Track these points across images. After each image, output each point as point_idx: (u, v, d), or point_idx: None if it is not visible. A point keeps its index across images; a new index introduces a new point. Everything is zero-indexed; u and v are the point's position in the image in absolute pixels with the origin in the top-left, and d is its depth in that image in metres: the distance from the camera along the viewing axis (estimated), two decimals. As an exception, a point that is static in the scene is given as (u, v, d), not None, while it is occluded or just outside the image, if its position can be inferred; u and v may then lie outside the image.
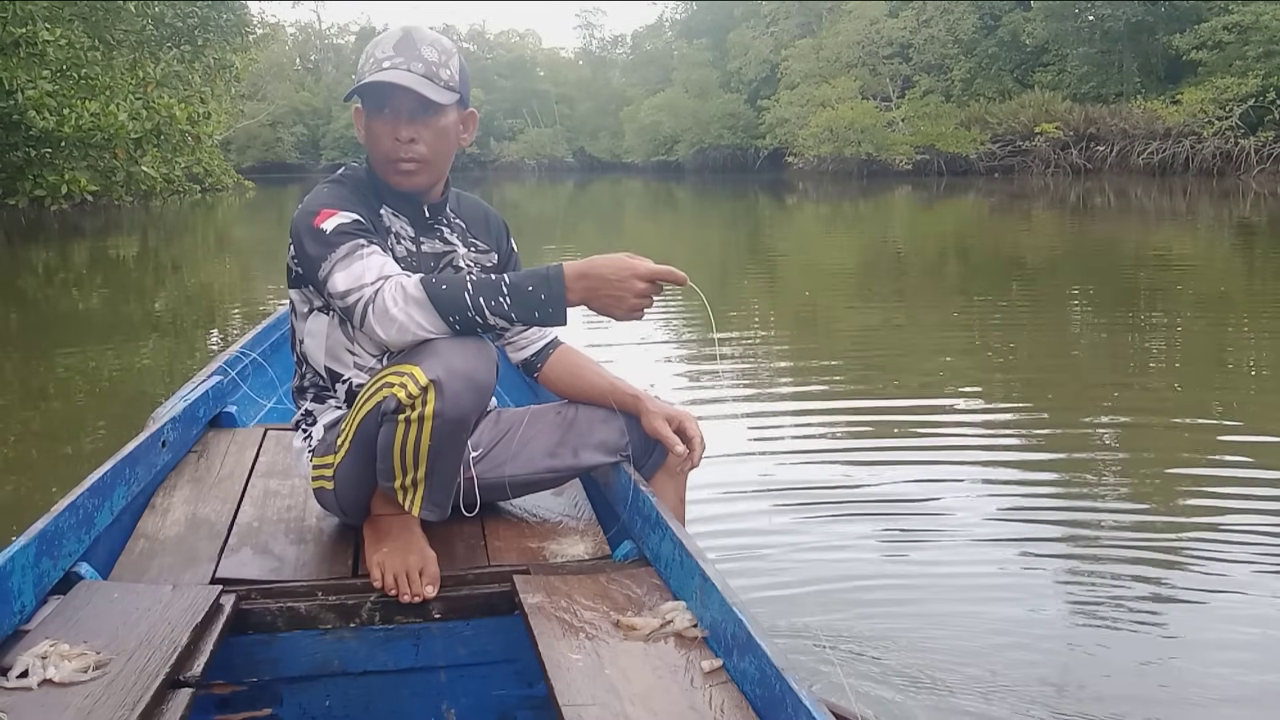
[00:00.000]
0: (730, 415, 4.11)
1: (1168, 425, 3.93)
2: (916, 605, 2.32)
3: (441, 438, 1.45)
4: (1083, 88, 28.96)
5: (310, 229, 1.57)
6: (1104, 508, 3.00)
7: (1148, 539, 2.69)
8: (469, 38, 60.46)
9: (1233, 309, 6.75)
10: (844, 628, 2.17)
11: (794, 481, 3.21)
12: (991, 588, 2.41)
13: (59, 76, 12.61)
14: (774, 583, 2.41)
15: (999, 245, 11.94)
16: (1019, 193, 21.26)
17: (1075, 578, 2.47)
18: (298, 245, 1.59)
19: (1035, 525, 2.82)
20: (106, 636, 1.28)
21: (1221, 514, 2.89)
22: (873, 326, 6.44)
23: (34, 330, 6.74)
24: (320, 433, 1.69)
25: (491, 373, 1.50)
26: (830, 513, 2.92)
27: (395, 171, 1.64)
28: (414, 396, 1.43)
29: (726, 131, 39.18)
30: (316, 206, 1.59)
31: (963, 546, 2.67)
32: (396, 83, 1.56)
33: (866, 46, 32.78)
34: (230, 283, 9.76)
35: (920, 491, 3.14)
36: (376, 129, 1.62)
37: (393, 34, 1.64)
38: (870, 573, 2.49)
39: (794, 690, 1.05)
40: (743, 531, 2.74)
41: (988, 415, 4.19)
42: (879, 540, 2.73)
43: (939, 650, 2.08)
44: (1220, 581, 2.42)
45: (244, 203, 23.57)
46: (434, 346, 1.47)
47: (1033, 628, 2.19)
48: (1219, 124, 24.18)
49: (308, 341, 1.71)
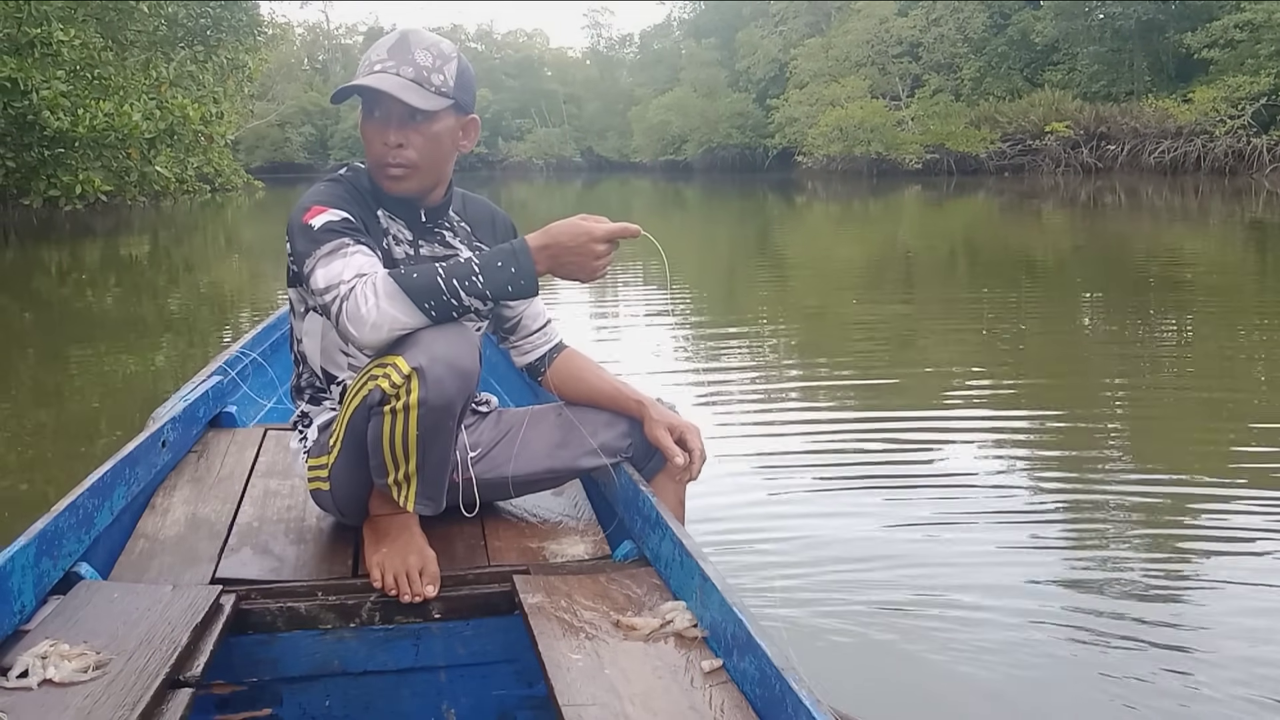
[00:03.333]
0: (733, 409, 4.11)
1: (1178, 421, 3.91)
2: (920, 602, 2.30)
3: (428, 426, 1.45)
4: (1093, 86, 28.82)
5: (300, 225, 1.56)
6: (1114, 503, 2.98)
7: (1157, 536, 2.68)
8: (477, 38, 60.61)
9: (1244, 307, 6.70)
10: (844, 622, 2.17)
11: (798, 473, 3.22)
12: (998, 584, 2.39)
13: (73, 77, 12.69)
14: (778, 576, 2.40)
15: (1009, 244, 11.90)
16: (1029, 192, 21.17)
17: (1086, 574, 2.45)
18: (290, 241, 1.59)
19: (1045, 524, 2.80)
20: (106, 636, 1.28)
21: (1231, 507, 2.88)
22: (882, 323, 6.42)
23: (48, 330, 6.77)
24: (315, 434, 1.69)
25: (474, 358, 1.48)
26: (832, 508, 2.92)
27: (384, 176, 1.62)
28: (397, 386, 1.42)
29: (735, 131, 39.15)
30: (309, 203, 1.59)
31: (970, 541, 2.65)
32: (378, 88, 1.54)
33: (876, 45, 32.71)
34: (241, 283, 9.80)
35: (927, 482, 3.14)
36: (367, 132, 1.61)
37: (391, 37, 1.61)
38: (875, 568, 2.48)
39: (794, 690, 1.05)
40: (746, 526, 2.73)
41: (998, 410, 4.16)
42: (884, 536, 2.71)
43: (943, 650, 2.06)
44: (1230, 575, 2.40)
45: (253, 203, 23.68)
46: (415, 336, 1.46)
47: (1036, 628, 2.17)
48: (1231, 123, 24.03)
49: (305, 341, 1.71)
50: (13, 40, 11.85)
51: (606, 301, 7.42)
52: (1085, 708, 1.87)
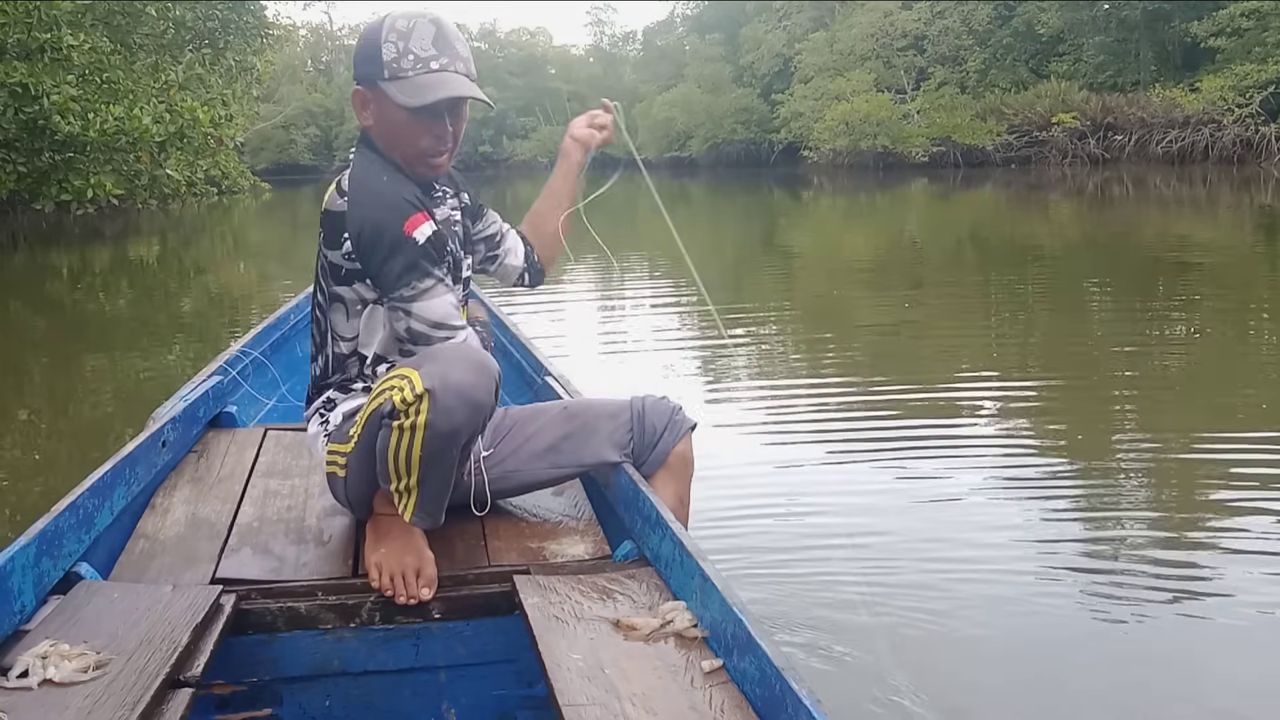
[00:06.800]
0: (743, 400, 4.10)
1: (1187, 415, 3.88)
2: (924, 598, 2.30)
3: (431, 450, 1.44)
4: (1099, 77, 28.66)
5: (400, 237, 1.52)
6: (1122, 498, 2.97)
7: (1166, 536, 2.66)
8: (480, 36, 60.64)
9: (1254, 298, 6.66)
10: (850, 619, 2.16)
11: (806, 467, 3.22)
12: (1007, 580, 2.38)
13: (83, 81, 12.72)
14: (784, 575, 2.40)
15: (1015, 236, 11.85)
16: (1036, 183, 21.09)
17: (1092, 571, 2.44)
18: (374, 246, 1.53)
19: (1054, 523, 2.79)
20: (106, 636, 1.28)
21: (1237, 503, 2.85)
22: (889, 315, 6.40)
23: (61, 334, 6.81)
24: (338, 419, 1.66)
25: (490, 392, 1.47)
26: (836, 504, 2.91)
27: (427, 165, 1.63)
28: (408, 404, 1.42)
29: (740, 126, 39.03)
30: (398, 207, 1.54)
31: (978, 538, 2.64)
32: (468, 95, 1.57)
33: (880, 39, 32.57)
34: (251, 284, 9.83)
35: (933, 475, 3.14)
36: (417, 126, 1.57)
37: (423, 26, 1.56)
38: (878, 567, 2.47)
39: (794, 690, 1.04)
40: (754, 520, 2.73)
41: (1003, 405, 4.14)
42: (889, 532, 2.70)
43: (950, 649, 2.05)
44: (1238, 573, 2.38)
45: (260, 205, 23.76)
46: (437, 353, 1.47)
47: (1041, 628, 2.16)
48: (1239, 111, 23.85)
49: (363, 335, 1.65)
50: (23, 45, 11.89)
51: (611, 290, 7.43)
52: (1099, 692, 1.86)
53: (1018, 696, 1.87)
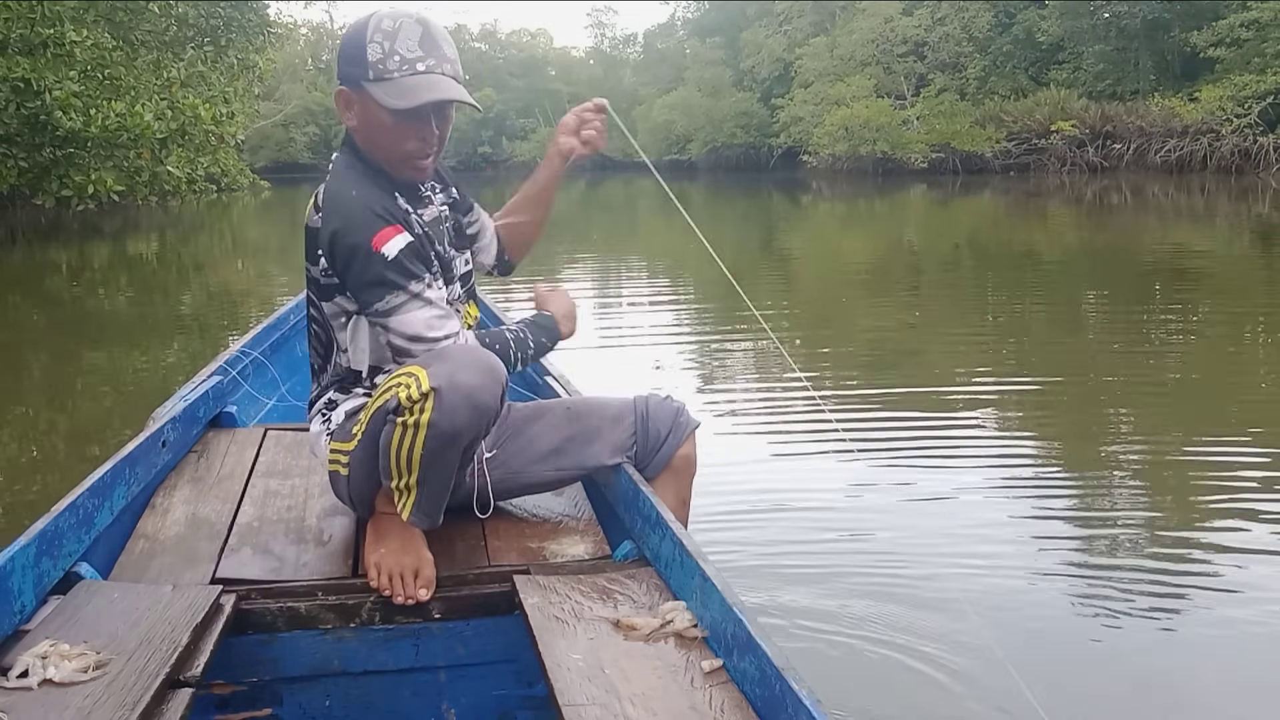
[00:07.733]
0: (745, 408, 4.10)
1: (1183, 419, 3.90)
2: (924, 598, 2.30)
3: (433, 449, 1.44)
4: (1098, 85, 28.70)
5: (369, 254, 1.50)
6: (1120, 499, 2.99)
7: (1162, 537, 2.67)
8: (480, 37, 60.60)
9: (1250, 305, 6.68)
10: (850, 616, 2.17)
11: (806, 467, 3.24)
12: (1008, 577, 2.39)
13: (85, 77, 12.71)
14: (784, 574, 2.41)
15: (1013, 243, 11.87)
16: (1035, 191, 21.13)
17: (1091, 571, 2.45)
18: (346, 264, 1.52)
19: (1052, 522, 2.80)
20: (106, 636, 1.28)
21: (1235, 505, 2.87)
22: (887, 319, 6.42)
23: (60, 330, 6.79)
24: (341, 418, 1.66)
25: (496, 396, 1.46)
26: (836, 504, 2.92)
27: (412, 169, 1.61)
28: (414, 401, 1.42)
29: (740, 130, 39.04)
30: (368, 223, 1.51)
31: (978, 538, 2.65)
32: (457, 98, 1.54)
33: (881, 45, 32.61)
34: (250, 282, 9.82)
35: (933, 476, 3.17)
36: (402, 129, 1.56)
37: (409, 26, 1.53)
38: (878, 567, 2.48)
39: (794, 690, 1.05)
40: (753, 520, 2.74)
41: (1002, 407, 4.16)
42: (889, 532, 2.71)
43: (950, 648, 2.06)
44: (1236, 574, 2.40)
45: (258, 203, 23.75)
46: (446, 353, 1.47)
47: (1041, 627, 2.17)
48: (1237, 121, 23.89)
49: (351, 350, 1.65)
50: (26, 41, 11.88)
51: (609, 293, 7.43)
52: (1099, 691, 1.87)
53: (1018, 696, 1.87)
